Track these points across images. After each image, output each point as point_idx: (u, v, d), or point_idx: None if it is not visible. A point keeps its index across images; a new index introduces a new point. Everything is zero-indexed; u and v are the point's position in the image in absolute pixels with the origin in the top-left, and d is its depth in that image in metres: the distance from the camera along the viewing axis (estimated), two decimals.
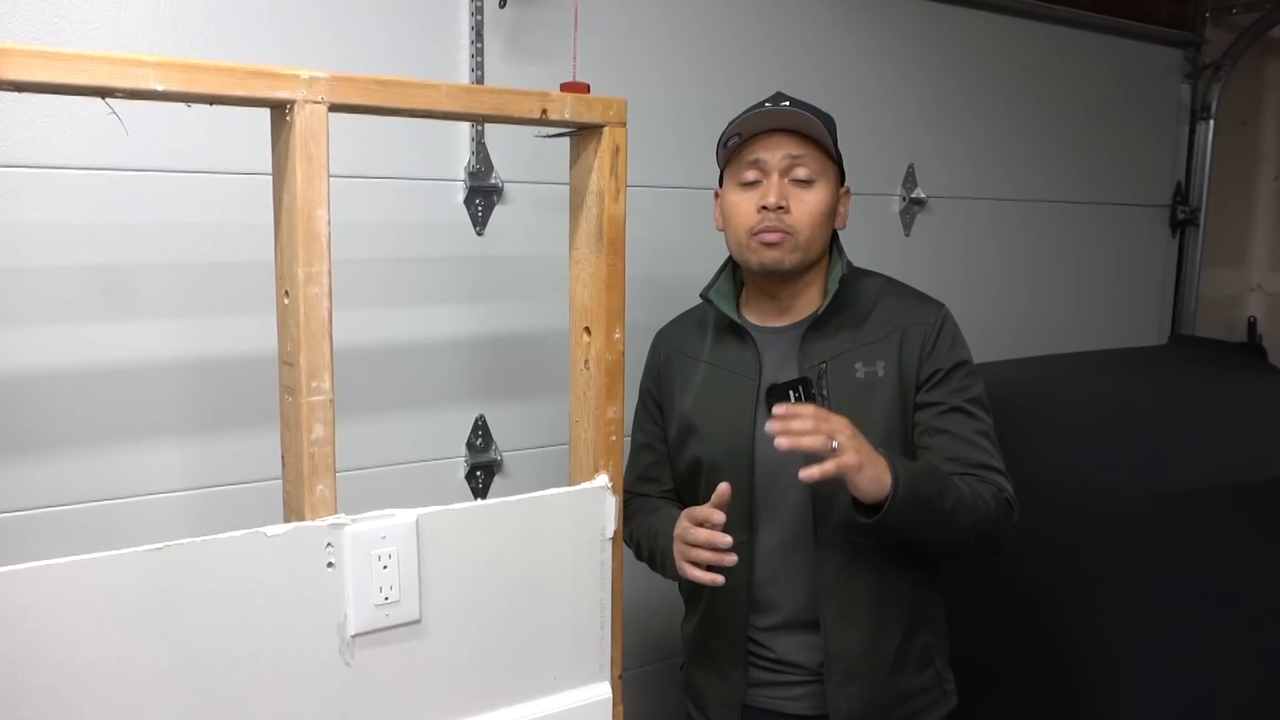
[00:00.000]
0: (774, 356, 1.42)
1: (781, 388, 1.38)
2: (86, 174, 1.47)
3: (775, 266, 1.37)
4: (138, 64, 0.93)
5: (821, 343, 1.40)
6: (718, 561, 1.27)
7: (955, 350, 1.40)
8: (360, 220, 1.68)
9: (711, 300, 1.46)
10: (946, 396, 1.37)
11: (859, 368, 1.37)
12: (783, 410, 1.21)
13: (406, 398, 1.78)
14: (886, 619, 1.39)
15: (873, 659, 1.38)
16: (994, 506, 1.31)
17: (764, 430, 1.38)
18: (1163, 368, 2.31)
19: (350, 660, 1.11)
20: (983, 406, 1.39)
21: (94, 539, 1.50)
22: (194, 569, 1.00)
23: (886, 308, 1.42)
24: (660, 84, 2.00)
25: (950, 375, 1.38)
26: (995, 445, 1.38)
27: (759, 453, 1.39)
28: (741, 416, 1.41)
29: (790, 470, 1.39)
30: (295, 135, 1.02)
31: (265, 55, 1.57)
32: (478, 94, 1.15)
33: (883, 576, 1.38)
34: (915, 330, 1.39)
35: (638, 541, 1.49)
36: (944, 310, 1.43)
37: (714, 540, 1.26)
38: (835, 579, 1.37)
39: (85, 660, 0.96)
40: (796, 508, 1.39)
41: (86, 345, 1.49)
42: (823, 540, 1.38)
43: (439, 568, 1.16)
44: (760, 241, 1.37)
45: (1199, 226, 3.08)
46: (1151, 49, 2.92)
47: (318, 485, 1.07)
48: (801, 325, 1.42)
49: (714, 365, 1.46)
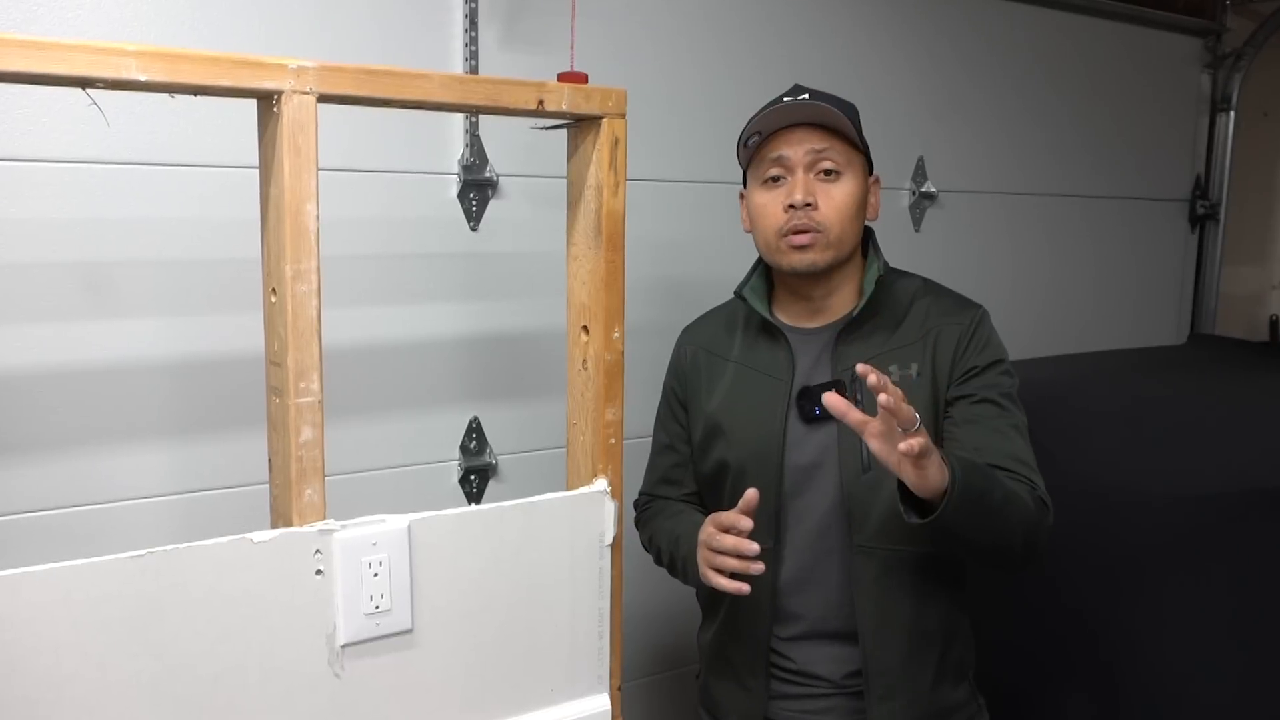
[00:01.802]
0: (807, 358, 1.42)
1: (814, 391, 1.38)
2: (66, 167, 1.47)
3: (809, 269, 1.37)
4: (119, 53, 0.93)
5: (856, 345, 1.39)
6: (743, 569, 1.26)
7: (990, 349, 1.39)
8: (350, 215, 1.68)
9: (746, 298, 1.46)
10: (979, 389, 1.36)
11: (894, 370, 1.36)
12: (878, 381, 1.10)
13: (398, 399, 1.77)
14: (926, 631, 1.39)
15: (915, 672, 1.38)
16: (1033, 506, 1.29)
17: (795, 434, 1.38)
18: (1182, 368, 2.31)
19: (340, 671, 1.11)
20: (1016, 403, 1.38)
21: (74, 545, 1.50)
22: (178, 577, 1.00)
23: (923, 309, 1.42)
24: (661, 74, 2.00)
25: (985, 371, 1.37)
26: (1028, 442, 1.36)
27: (789, 457, 1.39)
28: (772, 419, 1.40)
29: (820, 477, 1.39)
30: (283, 127, 1.02)
31: (251, 44, 1.57)
32: (472, 84, 1.15)
33: (920, 587, 1.38)
34: (950, 331, 1.39)
35: (657, 546, 1.49)
36: (981, 311, 1.43)
37: (740, 547, 1.25)
38: (872, 589, 1.37)
39: (65, 671, 0.96)
40: (827, 514, 1.39)
41: (67, 344, 1.49)
42: (858, 549, 1.37)
43: (432, 575, 1.16)
44: (790, 244, 1.36)
45: (1219, 222, 3.08)
46: (1170, 38, 2.92)
47: (306, 490, 1.07)
48: (835, 326, 1.42)
49: (744, 366, 1.46)
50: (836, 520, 1.38)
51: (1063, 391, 2.06)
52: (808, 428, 1.39)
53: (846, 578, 1.38)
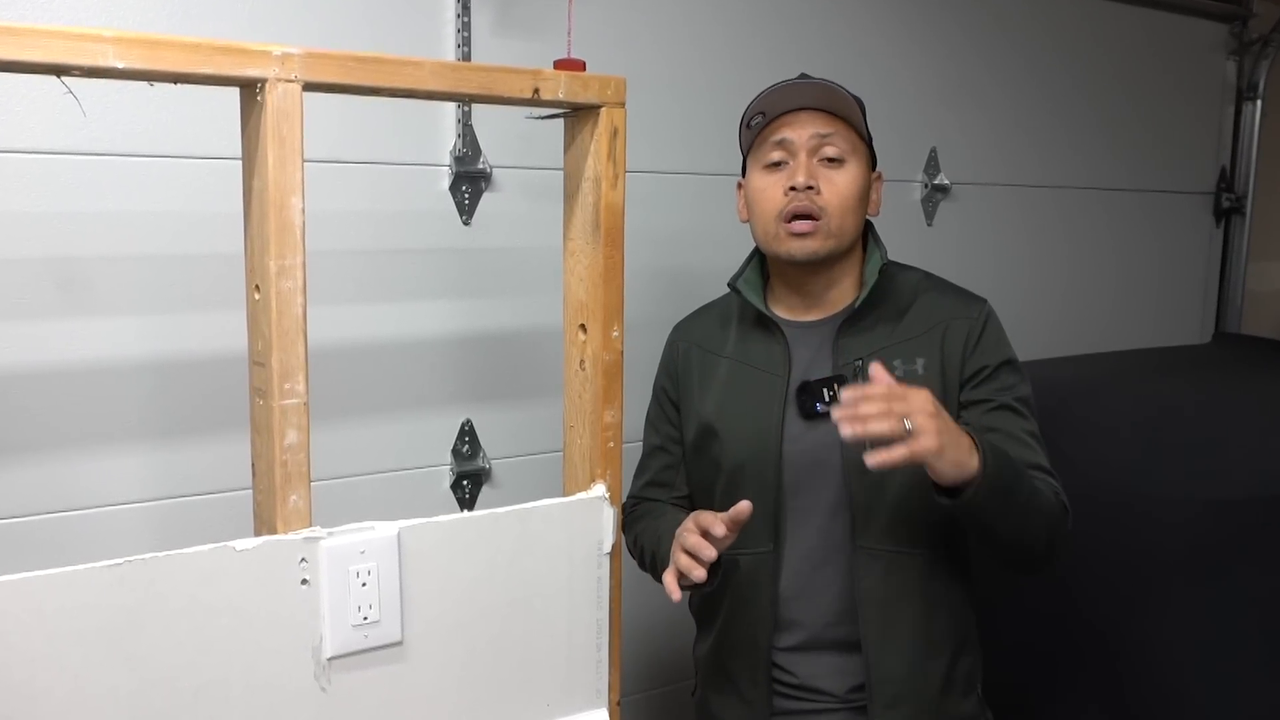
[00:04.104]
0: (805, 353, 1.42)
1: (815, 386, 1.38)
2: (40, 158, 1.47)
3: (809, 258, 1.37)
4: (96, 39, 0.93)
5: (857, 338, 1.40)
6: (688, 569, 1.25)
7: (1001, 347, 1.41)
8: (337, 209, 1.68)
9: (739, 290, 1.46)
10: (994, 394, 1.38)
11: (898, 365, 1.37)
12: (852, 395, 1.15)
13: (387, 401, 1.78)
14: (933, 638, 1.39)
15: (921, 682, 1.38)
16: (1057, 510, 1.32)
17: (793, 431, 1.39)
18: (1206, 368, 2.31)
19: (326, 685, 1.11)
20: (1030, 407, 1.40)
21: (49, 554, 1.49)
22: (157, 587, 1.00)
23: (927, 302, 1.43)
24: (662, 61, 2.00)
25: (997, 373, 1.39)
26: (1044, 446, 1.38)
27: (787, 456, 1.39)
28: (769, 417, 1.40)
29: (821, 475, 1.39)
30: (266, 116, 1.02)
31: (234, 31, 1.57)
32: (464, 72, 1.15)
33: (928, 591, 1.38)
34: (958, 325, 1.40)
35: (641, 547, 1.49)
36: (987, 306, 1.44)
37: (699, 550, 1.24)
38: (875, 594, 1.37)
39: (39, 685, 0.96)
40: (829, 516, 1.39)
41: (40, 343, 1.49)
42: (862, 551, 1.37)
43: (422, 585, 1.16)
44: (790, 231, 1.37)
45: (1245, 215, 3.08)
46: (1194, 23, 2.93)
47: (291, 495, 1.07)
48: (835, 320, 1.42)
49: (739, 361, 1.46)
50: (839, 521, 1.38)
51: (1082, 393, 2.06)
52: (807, 424, 1.40)
53: (849, 583, 1.38)
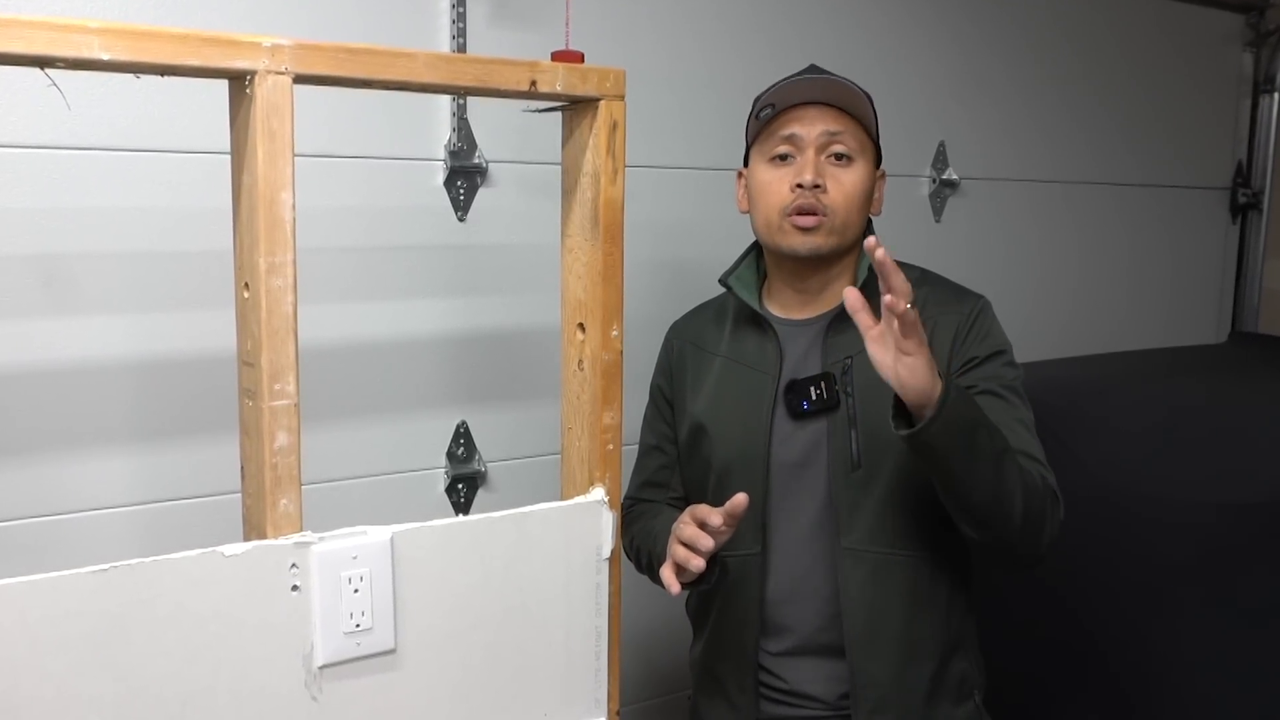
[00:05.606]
0: (796, 351, 1.43)
1: (802, 384, 1.40)
2: (23, 153, 1.47)
3: (811, 253, 1.38)
4: (81, 30, 0.93)
5: (847, 336, 1.40)
6: (684, 560, 1.25)
7: (991, 339, 1.41)
8: (328, 204, 1.69)
9: (731, 287, 1.47)
10: (980, 380, 1.37)
11: None
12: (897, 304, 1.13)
13: (380, 402, 1.78)
14: (920, 641, 1.39)
15: (905, 687, 1.39)
16: (1041, 487, 1.29)
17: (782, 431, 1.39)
18: (1222, 368, 2.31)
19: (317, 694, 1.11)
20: (1021, 397, 1.39)
21: (32, 559, 1.50)
22: (143, 593, 1.00)
23: (920, 299, 1.42)
24: (662, 53, 2.00)
25: (986, 362, 1.39)
26: (1036, 437, 1.37)
27: (775, 455, 1.40)
28: (757, 416, 1.41)
29: (808, 476, 1.40)
30: (256, 110, 1.02)
31: (224, 22, 1.57)
32: (459, 64, 1.15)
33: (914, 594, 1.39)
34: (947, 320, 1.40)
35: (637, 548, 1.49)
36: (982, 301, 1.44)
37: (696, 541, 1.24)
38: (860, 595, 1.38)
39: (23, 694, 0.96)
40: (815, 516, 1.40)
41: (23, 343, 1.49)
42: (846, 552, 1.38)
43: (417, 592, 1.16)
44: (794, 225, 1.37)
45: (1262, 211, 3.08)
46: (1209, 13, 2.93)
47: (281, 499, 1.07)
48: (827, 317, 1.43)
49: (731, 359, 1.47)
50: (825, 522, 1.39)
51: (1094, 394, 2.06)
52: (795, 424, 1.40)
53: (837, 586, 1.39)
